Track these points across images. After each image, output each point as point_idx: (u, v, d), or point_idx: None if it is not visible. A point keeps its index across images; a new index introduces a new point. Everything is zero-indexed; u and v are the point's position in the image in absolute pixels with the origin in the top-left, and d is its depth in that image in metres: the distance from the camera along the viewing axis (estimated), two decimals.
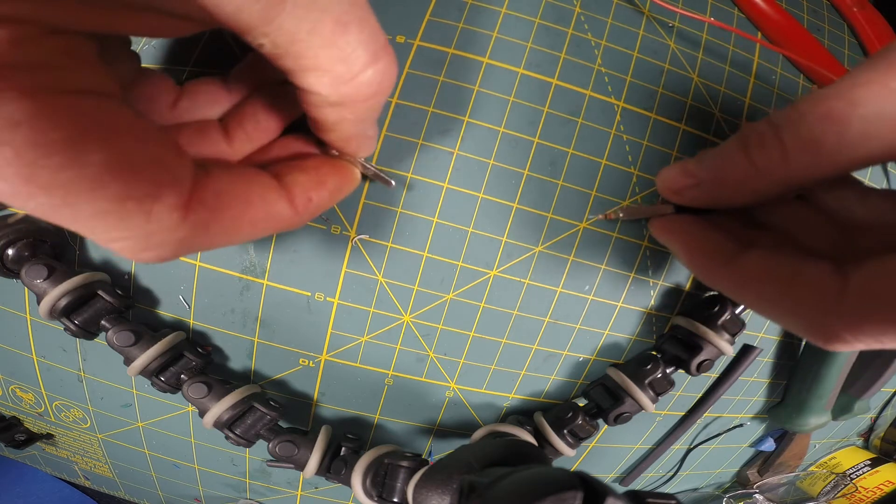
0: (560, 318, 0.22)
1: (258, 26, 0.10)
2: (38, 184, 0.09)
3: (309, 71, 0.12)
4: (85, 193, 0.10)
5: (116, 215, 0.10)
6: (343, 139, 0.15)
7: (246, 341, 0.21)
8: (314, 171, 0.15)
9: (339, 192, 0.16)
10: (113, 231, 0.11)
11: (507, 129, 0.20)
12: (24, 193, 0.09)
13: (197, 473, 0.26)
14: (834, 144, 0.12)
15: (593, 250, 0.21)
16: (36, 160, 0.09)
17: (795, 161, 0.13)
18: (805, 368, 0.26)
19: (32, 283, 0.18)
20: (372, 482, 0.20)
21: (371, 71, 0.12)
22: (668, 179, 0.17)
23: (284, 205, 0.13)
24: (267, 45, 0.11)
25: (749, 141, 0.14)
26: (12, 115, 0.09)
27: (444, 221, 0.20)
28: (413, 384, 0.22)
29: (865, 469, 0.32)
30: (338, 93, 0.12)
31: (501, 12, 0.20)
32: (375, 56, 0.12)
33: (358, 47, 0.11)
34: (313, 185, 0.14)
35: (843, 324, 0.12)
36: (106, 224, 0.10)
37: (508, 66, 0.20)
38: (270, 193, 0.13)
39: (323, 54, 0.11)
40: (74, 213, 0.10)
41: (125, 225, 0.10)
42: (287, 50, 0.11)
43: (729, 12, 0.23)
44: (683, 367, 0.22)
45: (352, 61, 0.12)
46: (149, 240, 0.11)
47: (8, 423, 0.26)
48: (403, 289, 0.20)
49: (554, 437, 0.21)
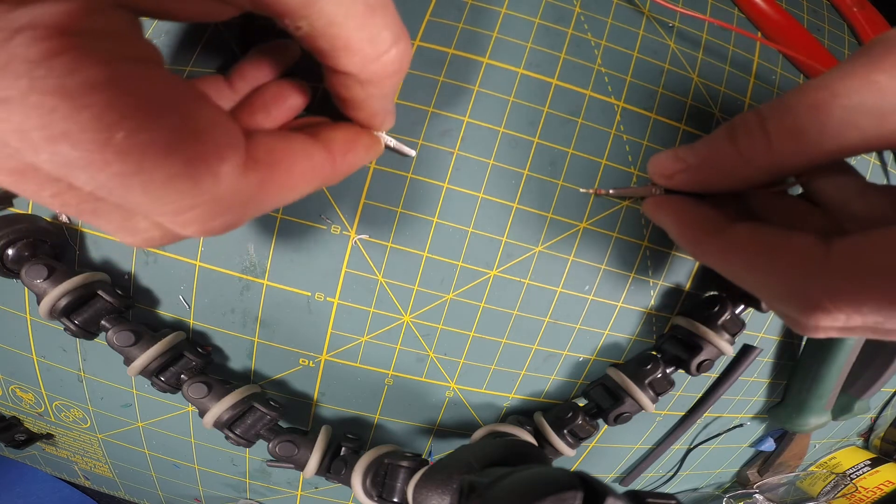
0: (560, 318, 0.22)
1: (299, 9, 0.11)
2: (114, 149, 0.09)
3: (341, 51, 0.13)
4: (159, 157, 0.10)
5: (188, 180, 0.10)
6: (370, 115, 0.16)
7: (246, 341, 0.21)
8: (347, 129, 0.16)
9: (369, 152, 0.16)
10: (186, 198, 0.11)
11: (507, 129, 0.20)
12: (98, 161, 0.09)
13: (197, 473, 0.26)
14: (816, 133, 0.13)
15: (593, 250, 0.21)
16: (113, 123, 0.09)
17: (779, 149, 0.14)
18: (805, 368, 0.26)
19: (32, 283, 0.18)
20: (372, 482, 0.20)
21: (395, 50, 0.13)
22: (660, 164, 0.17)
23: (324, 157, 0.14)
24: (305, 27, 0.12)
25: (736, 130, 0.15)
26: (92, 78, 0.09)
27: (444, 221, 0.20)
28: (413, 384, 0.22)
29: (865, 469, 0.32)
30: (366, 71, 0.13)
31: (501, 12, 0.20)
32: (397, 37, 0.13)
33: (384, 29, 0.13)
34: (348, 141, 0.15)
35: (824, 291, 0.13)
36: (178, 191, 0.10)
37: (508, 66, 0.20)
38: (311, 147, 0.14)
39: (355, 36, 0.12)
40: (147, 181, 0.10)
41: (197, 190, 0.11)
42: (324, 32, 0.12)
43: (729, 12, 0.23)
44: (683, 367, 0.22)
45: (378, 42, 0.13)
46: (218, 204, 0.11)
47: (8, 423, 0.26)
48: (403, 289, 0.20)
49: (554, 437, 0.21)
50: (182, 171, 0.10)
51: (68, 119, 0.09)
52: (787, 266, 0.14)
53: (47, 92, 0.09)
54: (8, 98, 0.09)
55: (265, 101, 0.17)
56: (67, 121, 0.09)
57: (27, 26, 0.09)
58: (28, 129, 0.09)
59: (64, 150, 0.09)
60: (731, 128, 0.15)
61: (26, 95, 0.09)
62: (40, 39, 0.09)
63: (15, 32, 0.09)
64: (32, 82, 0.09)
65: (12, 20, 0.09)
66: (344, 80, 0.14)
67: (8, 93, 0.09)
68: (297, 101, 0.17)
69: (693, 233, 0.17)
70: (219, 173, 0.11)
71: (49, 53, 0.09)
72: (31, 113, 0.09)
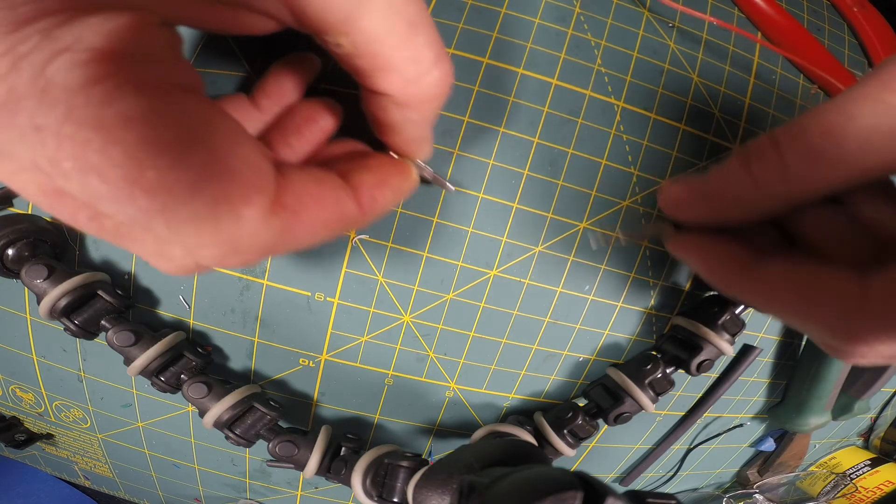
0: (560, 318, 0.22)
1: (340, 26, 0.11)
2: (143, 187, 0.09)
3: (381, 71, 0.12)
4: (185, 196, 0.09)
5: (210, 220, 0.10)
6: (406, 141, 0.15)
7: (246, 341, 0.21)
8: (378, 169, 0.15)
9: (400, 193, 0.15)
10: (204, 237, 0.10)
11: (506, 129, 0.20)
12: (124, 197, 0.09)
13: (197, 473, 0.26)
14: (832, 158, 0.12)
15: (593, 250, 0.21)
16: (145, 161, 0.09)
17: (795, 174, 0.13)
18: (805, 368, 0.26)
19: (32, 283, 0.18)
20: (372, 482, 0.20)
21: (436, 72, 0.12)
22: (671, 194, 0.17)
23: (353, 204, 0.13)
24: (345, 45, 0.11)
25: (750, 155, 0.14)
26: (127, 111, 0.08)
27: (444, 221, 0.20)
28: (413, 384, 0.22)
29: (865, 469, 0.32)
30: (406, 93, 0.13)
31: (501, 13, 0.20)
32: (439, 58, 0.12)
33: (425, 49, 0.12)
34: (378, 184, 0.14)
35: (864, 327, 0.12)
36: (198, 230, 0.10)
37: (508, 66, 0.20)
38: (341, 193, 0.13)
39: (396, 55, 0.12)
40: (170, 219, 0.09)
41: (217, 230, 0.10)
42: (364, 50, 0.11)
43: (729, 12, 0.23)
44: (683, 367, 0.22)
45: (420, 62, 0.12)
46: (236, 245, 0.11)
47: (8, 423, 0.26)
48: (403, 289, 0.20)
49: (554, 437, 0.21)
50: (206, 211, 0.10)
51: (100, 153, 0.08)
52: (824, 306, 0.13)
53: (83, 123, 0.08)
54: (43, 126, 0.08)
55: (297, 124, 0.16)
56: (99, 155, 0.08)
57: (70, 48, 0.08)
58: (60, 159, 0.09)
59: (93, 182, 0.09)
60: (744, 153, 0.14)
61: (62, 125, 0.08)
62: (82, 64, 0.08)
63: (57, 54, 0.08)
64: (69, 112, 0.08)
65: (56, 39, 0.08)
66: (382, 102, 0.13)
67: (44, 120, 0.08)
68: (328, 121, 0.16)
69: (722, 272, 0.16)
70: (241, 216, 0.10)
71: (90, 81, 0.08)
72: (65, 143, 0.08)
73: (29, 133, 0.08)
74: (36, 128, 0.08)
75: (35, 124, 0.08)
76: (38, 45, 0.08)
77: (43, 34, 0.08)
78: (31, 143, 0.09)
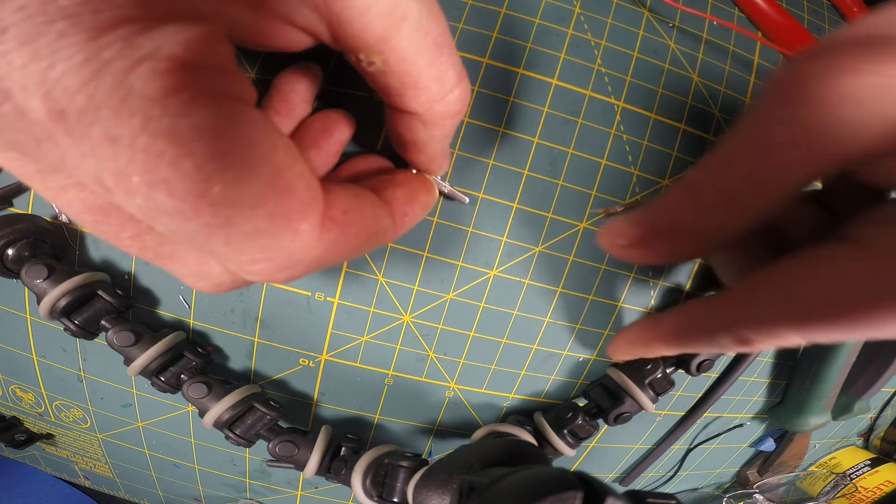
0: (560, 318, 0.22)
1: (376, 44, 0.11)
2: (209, 201, 0.09)
3: (409, 90, 0.12)
4: (247, 211, 0.09)
5: (269, 235, 0.10)
6: (429, 158, 0.15)
7: (246, 341, 0.21)
8: (407, 185, 0.15)
9: (427, 207, 0.16)
10: (260, 252, 0.10)
11: (506, 129, 0.20)
12: (190, 212, 0.09)
13: (197, 473, 0.26)
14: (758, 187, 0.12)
15: (593, 250, 0.21)
16: (213, 174, 0.08)
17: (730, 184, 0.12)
18: (805, 368, 0.26)
19: (32, 283, 0.18)
20: (372, 482, 0.20)
21: (458, 90, 0.13)
22: (613, 231, 0.15)
23: (389, 220, 0.14)
24: (378, 63, 0.11)
25: (688, 180, 0.13)
26: (201, 122, 0.08)
27: (443, 221, 0.20)
28: (413, 384, 0.22)
29: (865, 469, 0.32)
30: (431, 111, 0.13)
31: (501, 13, 0.20)
32: (461, 76, 0.13)
33: (450, 68, 0.12)
34: (408, 200, 0.15)
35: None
36: (255, 245, 0.10)
37: (508, 66, 0.20)
38: (378, 209, 0.13)
39: (424, 73, 0.12)
40: (230, 234, 0.09)
41: (274, 245, 0.10)
42: (396, 68, 0.12)
43: (729, 12, 0.23)
44: (683, 367, 0.22)
45: (444, 81, 0.12)
46: (289, 259, 0.10)
47: (8, 423, 0.26)
48: (403, 289, 0.20)
49: (554, 437, 0.21)
50: (265, 226, 0.10)
51: (172, 166, 0.08)
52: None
53: (158, 134, 0.08)
54: (118, 137, 0.08)
55: (314, 137, 0.16)
56: (171, 167, 0.08)
57: (151, 56, 0.08)
58: (130, 173, 0.08)
59: (160, 198, 0.08)
60: (683, 180, 0.14)
61: (137, 136, 0.08)
62: (162, 74, 0.08)
63: (137, 63, 0.08)
64: (146, 122, 0.08)
65: (137, 48, 0.08)
66: (408, 122, 0.13)
67: (120, 131, 0.08)
68: (343, 133, 0.16)
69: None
70: (298, 231, 0.10)
71: (169, 91, 0.08)
72: (138, 156, 0.08)
73: (101, 145, 0.08)
74: (111, 139, 0.08)
75: (111, 135, 0.08)
76: (121, 53, 0.08)
77: (125, 41, 0.08)
78: (101, 155, 0.08)
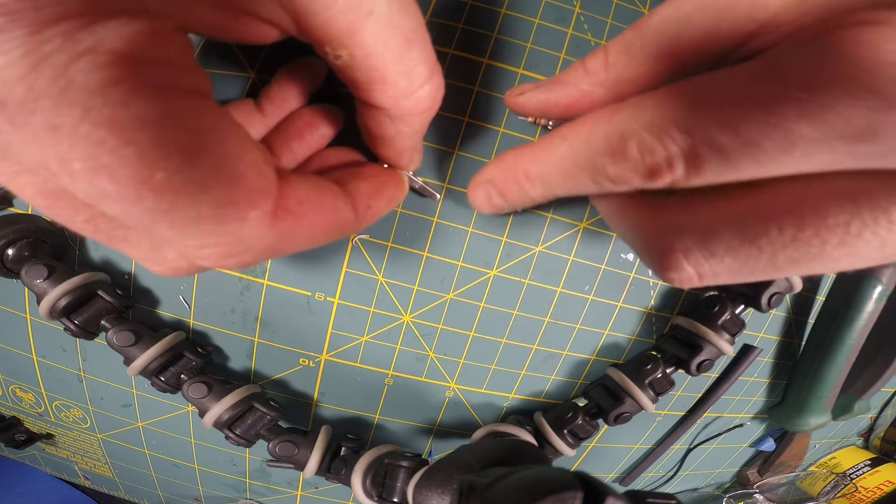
0: (560, 318, 0.22)
1: (341, 38, 0.11)
2: (151, 187, 0.09)
3: (376, 84, 0.12)
4: (191, 198, 0.09)
5: (214, 221, 0.10)
6: (398, 153, 0.15)
7: (246, 341, 0.21)
8: (373, 178, 0.15)
9: (393, 201, 0.16)
10: (207, 237, 0.10)
11: (506, 129, 0.20)
12: (132, 196, 0.09)
13: (197, 473, 0.26)
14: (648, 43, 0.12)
15: (593, 250, 0.21)
16: (155, 162, 0.09)
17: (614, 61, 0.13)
18: (805, 368, 0.26)
19: (32, 283, 0.18)
20: (372, 482, 0.20)
21: (428, 86, 0.13)
22: (517, 89, 0.16)
23: (350, 211, 0.14)
24: (344, 56, 0.12)
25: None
26: (142, 113, 0.09)
27: (444, 221, 0.20)
28: (413, 384, 0.22)
29: (865, 469, 0.32)
30: (398, 106, 0.13)
31: (501, 13, 0.20)
32: (432, 72, 0.13)
33: (419, 63, 0.12)
34: (373, 193, 0.15)
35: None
36: (201, 230, 0.10)
37: (508, 66, 0.20)
38: (339, 200, 0.13)
39: (391, 69, 0.12)
40: (174, 219, 0.10)
41: (220, 231, 0.10)
42: (362, 63, 0.12)
43: None
44: (683, 367, 0.22)
45: (413, 76, 0.12)
46: (238, 246, 0.11)
47: (8, 423, 0.26)
48: (403, 289, 0.20)
49: (554, 437, 0.21)
50: (211, 212, 0.10)
51: (113, 153, 0.09)
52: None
53: (99, 123, 0.08)
54: (59, 126, 0.08)
55: (299, 129, 0.16)
56: (111, 155, 0.09)
57: (91, 50, 0.08)
58: (72, 159, 0.09)
59: (102, 182, 0.09)
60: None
61: (77, 125, 0.08)
62: (103, 66, 0.08)
63: (78, 56, 0.08)
64: (86, 112, 0.08)
65: (78, 42, 0.08)
66: (375, 116, 0.14)
67: (60, 120, 0.08)
68: (329, 128, 0.17)
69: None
70: (246, 218, 0.10)
71: (108, 82, 0.08)
72: (79, 144, 0.08)
73: (43, 133, 0.08)
74: (52, 128, 0.08)
75: (51, 124, 0.08)
76: (61, 47, 0.08)
77: (65, 36, 0.08)
78: (43, 143, 0.09)
